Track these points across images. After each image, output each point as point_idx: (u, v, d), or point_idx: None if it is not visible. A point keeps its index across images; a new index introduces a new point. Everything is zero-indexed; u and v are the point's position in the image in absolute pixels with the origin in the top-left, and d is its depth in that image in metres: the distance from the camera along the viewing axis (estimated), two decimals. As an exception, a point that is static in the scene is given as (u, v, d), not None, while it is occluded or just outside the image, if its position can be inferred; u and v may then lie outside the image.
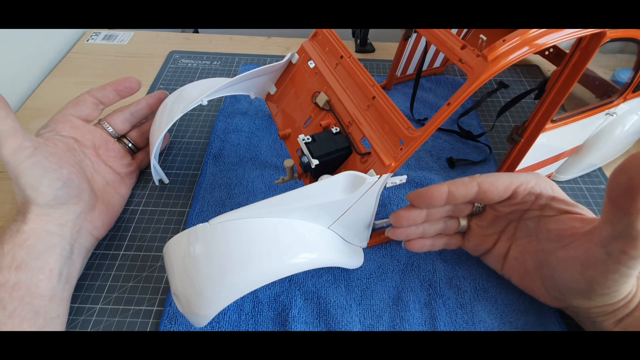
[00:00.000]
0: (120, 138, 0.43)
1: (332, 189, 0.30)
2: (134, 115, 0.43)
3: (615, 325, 0.30)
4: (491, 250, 0.36)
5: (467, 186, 0.32)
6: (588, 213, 0.31)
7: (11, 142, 0.31)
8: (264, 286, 0.33)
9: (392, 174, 0.31)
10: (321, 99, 0.37)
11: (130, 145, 0.43)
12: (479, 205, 0.35)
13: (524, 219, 0.34)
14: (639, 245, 0.25)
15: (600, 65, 0.50)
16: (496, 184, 0.32)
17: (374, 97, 0.33)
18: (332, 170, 0.34)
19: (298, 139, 0.33)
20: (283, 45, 0.67)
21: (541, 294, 0.34)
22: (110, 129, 0.42)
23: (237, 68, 0.61)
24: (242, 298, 0.35)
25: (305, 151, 0.33)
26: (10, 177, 0.32)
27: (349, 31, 0.69)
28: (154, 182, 0.44)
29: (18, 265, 0.30)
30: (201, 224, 0.29)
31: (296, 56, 0.42)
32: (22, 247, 0.31)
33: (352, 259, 0.35)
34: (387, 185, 0.32)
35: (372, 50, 0.66)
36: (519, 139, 0.38)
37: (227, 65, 0.62)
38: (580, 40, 0.32)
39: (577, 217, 0.31)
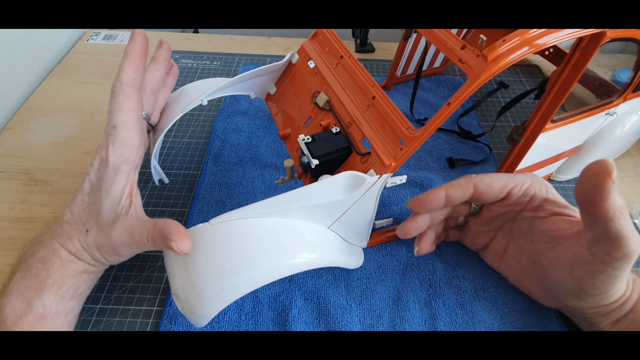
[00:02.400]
0: None
1: (332, 189, 0.30)
2: (162, 103, 0.38)
3: (612, 327, 0.30)
4: (488, 246, 0.37)
5: (464, 188, 0.32)
6: (579, 215, 0.32)
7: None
8: (264, 286, 0.33)
9: (392, 174, 0.31)
10: (321, 99, 0.37)
11: (150, 127, 0.38)
12: (476, 206, 0.36)
13: (517, 220, 0.34)
14: (620, 247, 0.26)
15: (600, 65, 0.49)
16: (492, 185, 0.32)
17: (374, 97, 0.33)
18: (332, 170, 0.34)
19: (298, 139, 0.33)
20: (283, 45, 0.67)
21: (537, 293, 0.34)
22: (149, 125, 0.36)
23: (237, 68, 0.61)
24: (242, 298, 0.35)
25: (305, 151, 0.33)
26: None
27: (349, 31, 0.69)
28: (154, 182, 0.44)
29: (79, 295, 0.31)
30: (201, 224, 0.29)
31: (296, 56, 0.42)
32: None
33: (352, 259, 0.35)
34: (387, 185, 0.32)
35: (372, 50, 0.66)
36: (519, 139, 0.38)
37: (227, 65, 0.62)
38: (580, 40, 0.32)
39: (566, 219, 0.31)
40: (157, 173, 0.43)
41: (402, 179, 0.32)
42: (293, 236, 0.30)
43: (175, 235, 0.27)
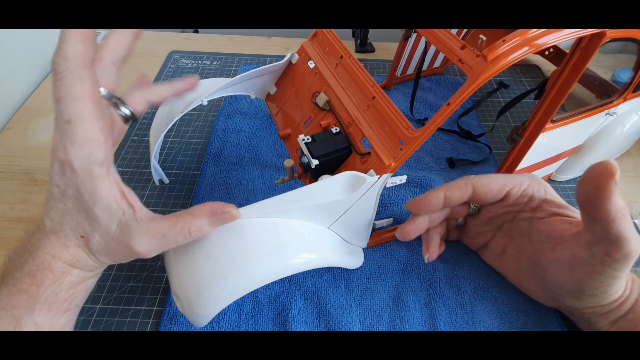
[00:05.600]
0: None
1: (332, 189, 0.30)
2: (157, 99, 0.33)
3: (611, 327, 0.30)
4: (487, 245, 0.37)
5: (462, 189, 0.32)
6: (578, 215, 0.32)
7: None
8: (264, 286, 0.33)
9: (392, 174, 0.31)
10: (321, 99, 0.37)
11: (129, 114, 0.31)
12: (475, 206, 0.36)
13: (516, 220, 0.34)
14: (620, 248, 0.26)
15: (600, 65, 0.50)
16: (490, 186, 0.32)
17: (373, 97, 0.33)
18: (332, 171, 0.34)
19: (298, 139, 0.33)
20: (283, 45, 0.67)
21: (536, 293, 0.34)
22: (128, 112, 0.31)
23: (237, 68, 0.61)
24: (242, 298, 0.35)
25: (305, 151, 0.33)
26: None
27: (349, 31, 0.69)
28: (154, 182, 0.44)
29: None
30: (201, 224, 0.29)
31: (296, 56, 0.42)
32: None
33: (352, 259, 0.35)
34: (387, 185, 0.32)
35: (372, 50, 0.66)
36: (519, 139, 0.38)
37: (227, 65, 0.62)
38: (580, 40, 0.32)
39: (565, 220, 0.31)
40: (157, 173, 0.43)
41: (402, 179, 0.32)
42: (293, 236, 0.30)
43: (226, 206, 0.27)
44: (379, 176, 0.30)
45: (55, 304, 0.26)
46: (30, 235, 0.27)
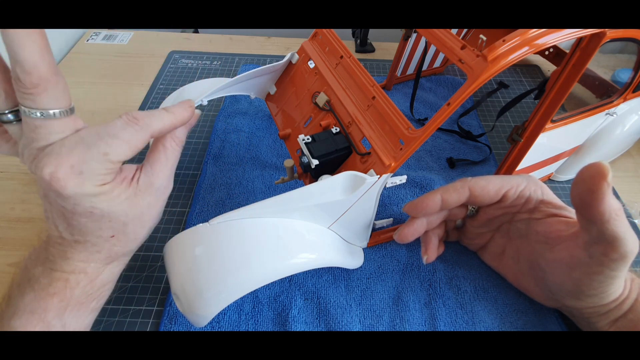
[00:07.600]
0: None
1: (332, 189, 0.30)
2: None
3: (610, 327, 0.30)
4: (487, 246, 0.37)
5: (459, 192, 0.32)
6: (575, 216, 0.32)
7: None
8: (264, 286, 0.33)
9: (392, 174, 0.31)
10: (321, 99, 0.37)
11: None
12: (473, 208, 0.36)
13: (514, 221, 0.34)
14: (617, 248, 0.26)
15: (600, 65, 0.50)
16: (487, 188, 0.32)
17: (373, 97, 0.33)
18: (332, 170, 0.34)
19: (298, 139, 0.33)
20: (283, 45, 0.67)
21: (535, 293, 0.34)
22: None
23: (237, 68, 0.61)
24: (242, 298, 0.35)
25: (305, 151, 0.33)
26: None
27: (349, 31, 0.69)
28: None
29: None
30: (201, 224, 0.29)
31: (296, 56, 0.42)
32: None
33: (352, 259, 0.35)
34: (387, 185, 0.32)
35: (372, 50, 0.66)
36: (519, 139, 0.38)
37: (227, 65, 0.62)
38: (580, 40, 0.32)
39: (562, 220, 0.31)
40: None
41: (402, 179, 0.32)
42: (293, 236, 0.30)
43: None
44: (379, 176, 0.30)
45: (85, 303, 0.27)
46: (51, 248, 0.27)
